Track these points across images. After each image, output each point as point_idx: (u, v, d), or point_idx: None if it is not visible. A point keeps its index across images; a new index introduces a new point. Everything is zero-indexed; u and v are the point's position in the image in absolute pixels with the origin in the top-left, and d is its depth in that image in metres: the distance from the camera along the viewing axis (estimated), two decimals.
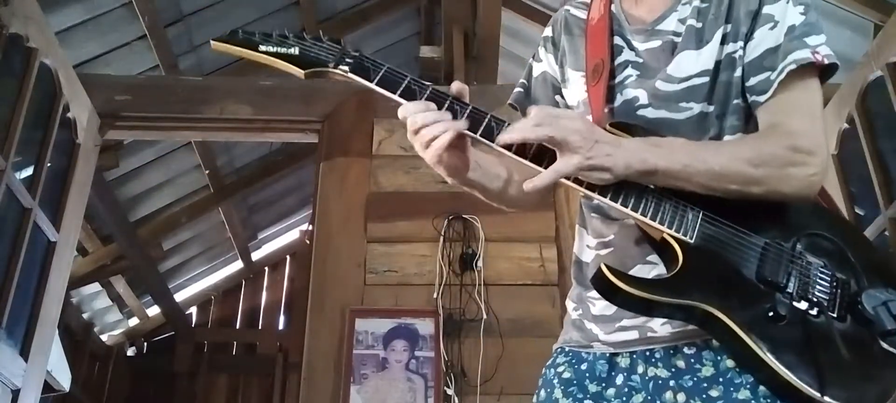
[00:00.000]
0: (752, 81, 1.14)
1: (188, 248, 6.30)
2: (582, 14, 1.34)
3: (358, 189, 3.38)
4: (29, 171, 2.88)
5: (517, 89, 1.41)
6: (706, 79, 1.16)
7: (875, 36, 3.19)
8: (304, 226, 6.87)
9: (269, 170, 5.70)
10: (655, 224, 1.07)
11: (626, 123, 1.14)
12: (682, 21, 1.20)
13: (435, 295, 3.13)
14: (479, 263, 3.18)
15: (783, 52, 1.12)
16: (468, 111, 1.08)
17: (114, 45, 4.05)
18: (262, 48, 1.13)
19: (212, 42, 1.17)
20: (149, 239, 5.56)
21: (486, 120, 1.08)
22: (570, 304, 1.30)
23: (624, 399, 1.12)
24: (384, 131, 3.48)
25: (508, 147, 1.06)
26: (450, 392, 2.95)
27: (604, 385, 1.16)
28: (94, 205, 4.40)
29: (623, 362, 1.16)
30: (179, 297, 6.86)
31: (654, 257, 1.13)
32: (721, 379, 1.07)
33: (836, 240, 1.10)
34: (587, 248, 1.26)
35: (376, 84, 1.10)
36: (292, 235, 7.34)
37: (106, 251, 5.50)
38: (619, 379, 1.15)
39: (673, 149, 1.07)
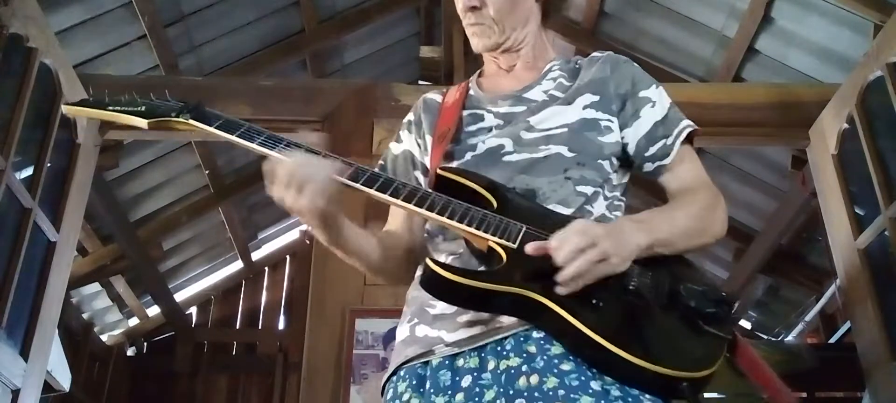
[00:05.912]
0: (651, 150, 1.33)
1: (188, 248, 6.30)
2: (438, 98, 1.51)
3: None
4: (29, 171, 2.88)
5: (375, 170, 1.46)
6: (566, 130, 1.30)
7: (875, 36, 3.19)
8: (304, 226, 6.87)
9: None
10: (480, 232, 1.14)
11: (455, 168, 1.28)
12: (546, 92, 1.37)
13: None
14: None
15: (672, 121, 1.34)
16: (356, 168, 1.20)
17: (114, 45, 4.05)
18: (111, 108, 1.29)
19: (63, 107, 1.34)
20: (149, 239, 5.55)
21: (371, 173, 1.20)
22: (400, 329, 1.30)
23: (475, 399, 1.11)
24: (384, 131, 3.47)
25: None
26: None
27: (451, 393, 1.14)
28: (94, 205, 4.40)
29: (470, 362, 1.15)
30: (179, 297, 6.84)
31: None
32: (571, 357, 1.10)
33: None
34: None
35: (216, 127, 1.23)
36: (292, 235, 7.34)
37: (106, 251, 5.49)
38: (467, 381, 1.14)
39: (652, 221, 1.19)
